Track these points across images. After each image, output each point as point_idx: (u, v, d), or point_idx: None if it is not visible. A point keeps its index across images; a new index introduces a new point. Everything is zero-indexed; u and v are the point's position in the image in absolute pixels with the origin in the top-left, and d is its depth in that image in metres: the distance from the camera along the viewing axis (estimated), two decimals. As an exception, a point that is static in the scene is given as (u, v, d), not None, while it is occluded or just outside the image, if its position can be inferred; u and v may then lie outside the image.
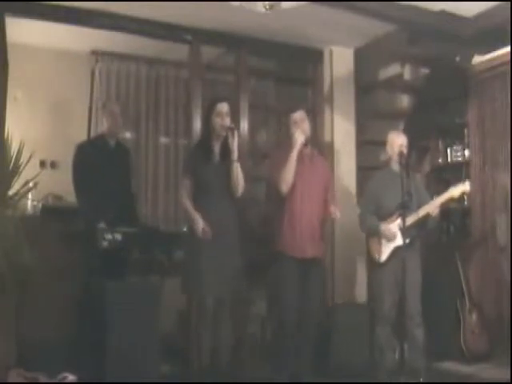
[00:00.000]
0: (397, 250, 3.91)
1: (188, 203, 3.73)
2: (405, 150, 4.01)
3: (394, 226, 3.95)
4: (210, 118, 3.78)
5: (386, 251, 3.99)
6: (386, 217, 3.99)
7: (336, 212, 3.99)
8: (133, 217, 4.40)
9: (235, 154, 3.68)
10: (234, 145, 3.67)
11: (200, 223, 3.62)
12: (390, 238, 3.95)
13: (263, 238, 4.28)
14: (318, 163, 4.14)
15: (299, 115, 4.05)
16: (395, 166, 4.02)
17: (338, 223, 5.15)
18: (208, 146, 3.78)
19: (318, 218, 4.03)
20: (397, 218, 3.92)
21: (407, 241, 3.79)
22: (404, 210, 3.78)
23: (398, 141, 4.05)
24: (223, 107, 3.76)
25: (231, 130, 3.69)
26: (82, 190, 4.21)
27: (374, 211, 4.08)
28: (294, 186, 3.92)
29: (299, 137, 3.91)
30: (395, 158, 4.01)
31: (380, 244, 4.02)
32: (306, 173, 3.97)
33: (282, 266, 3.95)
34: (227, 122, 3.74)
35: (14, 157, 4.00)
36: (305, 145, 3.97)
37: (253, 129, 5.29)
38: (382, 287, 4.01)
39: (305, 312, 3.93)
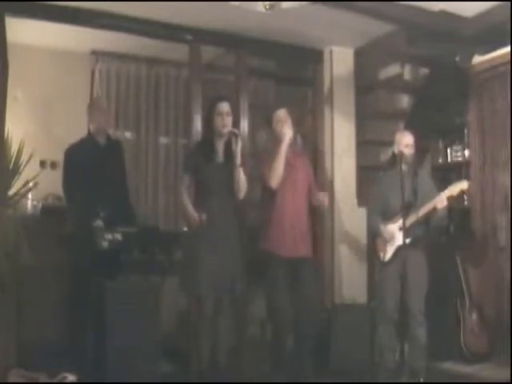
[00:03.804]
0: (400, 249, 3.91)
1: (185, 198, 3.73)
2: (411, 149, 4.02)
3: (397, 226, 3.94)
4: (211, 118, 3.78)
5: (390, 251, 3.99)
6: (391, 216, 3.99)
7: (324, 198, 4.01)
8: (128, 213, 4.38)
9: (239, 159, 3.68)
10: (238, 150, 3.67)
11: (194, 213, 3.62)
12: (389, 239, 3.95)
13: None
14: (301, 161, 4.15)
15: (282, 113, 4.06)
16: (403, 166, 4.00)
17: (337, 223, 5.17)
18: (210, 146, 3.77)
19: (305, 218, 4.03)
20: (401, 218, 3.92)
21: (409, 240, 3.79)
22: (407, 209, 3.78)
23: (404, 140, 4.05)
24: (224, 107, 3.76)
25: (234, 134, 3.69)
26: (74, 194, 4.17)
27: (381, 211, 4.08)
28: (281, 185, 3.92)
29: (287, 131, 3.92)
30: (402, 157, 4.00)
31: (385, 243, 4.02)
32: (292, 172, 3.98)
33: (271, 266, 3.94)
34: (228, 121, 3.74)
35: (13, 157, 4.01)
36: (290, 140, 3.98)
37: (253, 129, 5.29)
38: (385, 286, 4.01)
39: (299, 312, 3.92)
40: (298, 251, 3.94)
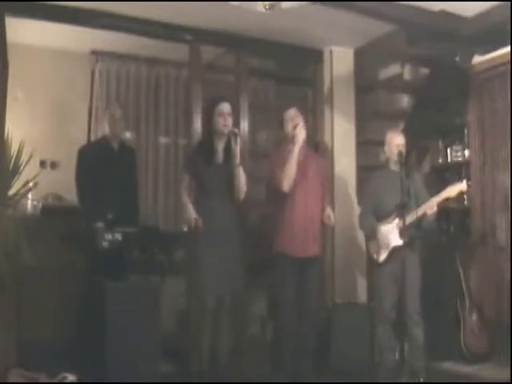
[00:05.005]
0: (395, 250, 3.91)
1: (185, 197, 3.73)
2: (403, 150, 4.01)
3: (392, 227, 3.94)
4: (211, 118, 3.77)
5: (384, 251, 3.99)
6: (384, 217, 3.99)
7: (330, 216, 4.00)
8: (135, 218, 4.41)
9: (238, 159, 3.68)
10: (237, 149, 3.67)
11: (193, 214, 3.62)
12: (385, 243, 3.96)
13: (264, 238, 4.28)
14: (314, 160, 4.14)
15: (292, 112, 4.04)
16: (394, 166, 4.02)
17: (337, 223, 5.16)
18: (210, 147, 3.77)
19: (316, 217, 4.02)
20: (395, 218, 3.92)
21: (405, 241, 3.79)
22: (402, 210, 3.78)
23: (395, 141, 4.05)
24: (225, 107, 3.75)
25: (234, 134, 3.68)
26: (86, 194, 4.22)
27: (373, 211, 4.08)
28: (292, 188, 3.91)
29: (301, 133, 3.89)
30: (394, 157, 4.01)
31: (378, 245, 4.02)
32: (303, 171, 3.97)
33: (281, 265, 3.94)
34: (229, 122, 3.73)
35: (14, 157, 4.00)
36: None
37: (253, 129, 5.29)
38: (381, 287, 4.02)
39: (304, 311, 3.93)
40: (308, 251, 3.95)
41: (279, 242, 3.97)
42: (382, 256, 4.00)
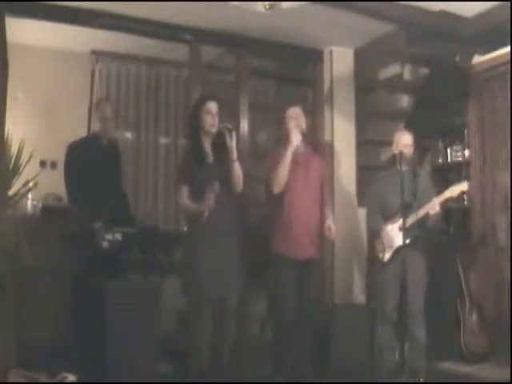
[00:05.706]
0: (399, 249, 3.90)
1: (188, 203, 3.70)
2: (410, 149, 4.01)
3: (395, 228, 3.94)
4: (198, 115, 3.74)
5: (389, 251, 3.98)
6: (390, 217, 3.99)
7: (330, 229, 3.97)
8: (126, 216, 4.41)
9: (234, 154, 3.66)
10: (233, 145, 3.65)
11: (198, 206, 3.60)
12: (389, 243, 3.95)
13: (263, 238, 4.28)
14: (314, 161, 4.13)
15: (295, 111, 4.05)
16: (401, 166, 4.00)
17: (337, 224, 5.15)
18: (199, 147, 3.73)
19: (314, 220, 4.02)
20: (400, 218, 3.91)
21: (408, 241, 3.79)
22: (406, 209, 3.78)
23: (403, 140, 4.05)
24: (213, 106, 3.72)
25: (228, 130, 3.66)
26: (75, 189, 4.22)
27: (380, 211, 4.07)
28: (290, 187, 3.91)
29: (295, 137, 3.90)
30: (401, 157, 3.99)
31: (384, 244, 4.01)
32: (302, 172, 3.97)
33: (279, 267, 3.94)
34: (216, 121, 3.71)
35: (14, 157, 4.00)
36: (301, 141, 3.96)
37: (253, 129, 5.29)
38: (384, 287, 4.00)
39: (303, 313, 3.93)
40: (305, 254, 3.95)
41: (276, 243, 3.98)
42: (387, 255, 3.99)
